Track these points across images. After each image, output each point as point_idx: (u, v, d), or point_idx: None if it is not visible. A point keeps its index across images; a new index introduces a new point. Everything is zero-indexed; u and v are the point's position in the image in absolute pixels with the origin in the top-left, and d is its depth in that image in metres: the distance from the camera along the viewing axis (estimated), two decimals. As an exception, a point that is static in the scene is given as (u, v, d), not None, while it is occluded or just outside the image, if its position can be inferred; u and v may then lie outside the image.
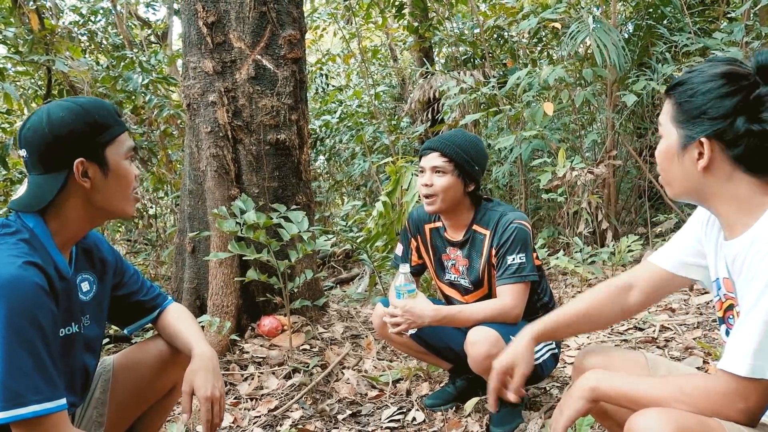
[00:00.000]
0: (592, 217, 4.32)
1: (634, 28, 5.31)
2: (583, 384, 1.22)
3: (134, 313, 1.65)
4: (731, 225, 1.15)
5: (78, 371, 1.43)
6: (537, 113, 4.40)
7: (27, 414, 1.15)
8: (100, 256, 1.54)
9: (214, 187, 3.09)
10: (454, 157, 2.13)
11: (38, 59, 4.55)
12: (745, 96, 1.07)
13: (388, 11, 7.08)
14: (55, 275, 1.29)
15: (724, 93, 1.09)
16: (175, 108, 4.98)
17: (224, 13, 3.16)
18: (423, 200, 2.20)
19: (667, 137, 1.18)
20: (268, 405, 2.49)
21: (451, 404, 2.39)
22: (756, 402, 1.03)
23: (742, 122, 1.07)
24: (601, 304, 1.47)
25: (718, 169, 1.12)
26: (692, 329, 2.97)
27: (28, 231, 1.30)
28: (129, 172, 1.39)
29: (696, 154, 1.12)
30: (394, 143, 6.75)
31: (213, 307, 2.99)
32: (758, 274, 1.03)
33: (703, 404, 1.06)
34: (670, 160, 1.18)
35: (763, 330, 1.00)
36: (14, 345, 1.15)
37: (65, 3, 6.80)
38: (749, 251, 1.07)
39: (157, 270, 5.33)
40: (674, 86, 1.17)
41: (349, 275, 5.23)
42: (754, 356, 1.01)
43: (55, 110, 1.31)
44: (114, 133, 1.36)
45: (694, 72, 1.14)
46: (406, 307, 2.04)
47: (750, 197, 1.11)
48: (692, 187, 1.16)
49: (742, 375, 1.01)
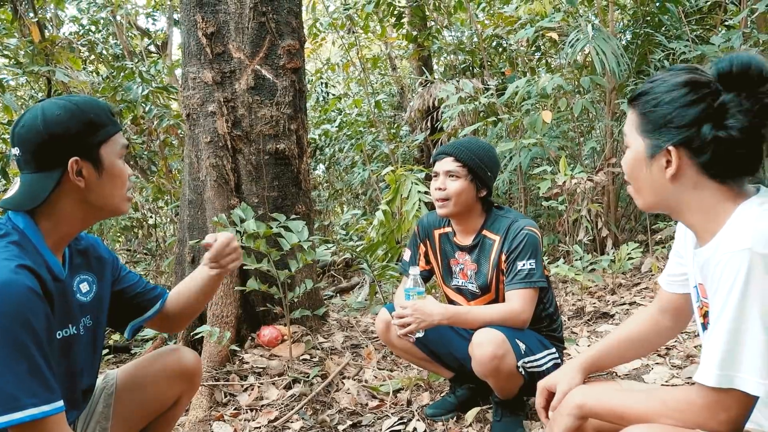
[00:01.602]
0: (592, 224, 4.32)
1: (632, 36, 5.34)
2: (570, 401, 1.24)
3: (136, 308, 1.63)
4: (700, 233, 1.17)
5: (76, 373, 1.42)
6: (536, 121, 4.41)
7: (23, 418, 1.14)
8: (97, 255, 1.53)
9: (213, 197, 3.09)
10: (467, 162, 2.17)
11: (38, 70, 4.56)
12: (709, 104, 1.09)
13: (387, 20, 7.12)
14: (48, 277, 1.28)
15: (688, 101, 1.10)
16: (174, 118, 4.99)
17: (223, 24, 3.17)
18: (435, 203, 2.22)
19: (633, 147, 1.19)
20: (268, 416, 2.48)
21: (452, 414, 2.38)
22: (738, 412, 1.03)
23: (709, 129, 1.08)
24: (644, 330, 1.48)
25: (685, 177, 1.13)
26: (693, 337, 2.96)
27: (18, 233, 1.28)
28: (123, 171, 1.38)
29: (664, 163, 1.14)
30: (394, 152, 6.77)
31: (213, 317, 2.99)
32: (720, 286, 1.04)
33: (687, 417, 1.06)
34: (638, 170, 1.19)
35: (726, 339, 1.02)
36: (7, 349, 1.14)
37: (65, 14, 6.83)
38: (712, 259, 1.08)
39: (157, 280, 5.33)
40: (637, 96, 1.18)
41: (349, 284, 5.22)
42: (720, 366, 1.02)
43: (51, 108, 1.29)
44: (109, 132, 1.35)
45: (656, 81, 1.16)
46: (415, 306, 2.06)
47: (716, 204, 1.12)
48: (661, 196, 1.18)
49: (710, 386, 1.02)
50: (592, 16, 5.19)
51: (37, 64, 4.69)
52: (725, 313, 1.03)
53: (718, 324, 1.04)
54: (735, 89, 1.07)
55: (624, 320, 3.31)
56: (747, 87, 1.07)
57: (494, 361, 1.98)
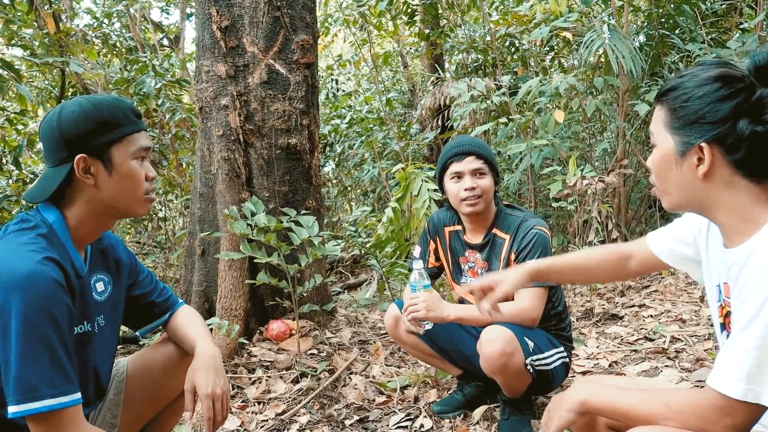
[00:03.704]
0: (602, 226, 4.29)
1: (647, 37, 5.30)
2: (573, 396, 1.22)
3: (146, 315, 1.65)
4: (730, 234, 1.13)
5: (90, 371, 1.43)
6: (548, 121, 4.39)
7: (42, 408, 1.16)
8: (116, 257, 1.54)
9: (224, 191, 3.10)
10: (488, 158, 2.22)
11: (53, 61, 4.59)
12: (746, 98, 1.04)
13: (399, 18, 7.11)
14: (72, 272, 1.30)
15: (721, 96, 1.05)
16: (187, 111, 5.01)
17: (238, 18, 3.18)
18: (464, 203, 2.20)
19: (661, 145, 1.15)
20: (275, 409, 2.49)
21: (459, 411, 2.38)
22: (743, 419, 1.02)
23: (746, 125, 1.04)
24: (599, 263, 1.54)
25: (718, 176, 1.08)
26: (703, 340, 2.94)
27: (47, 226, 1.30)
28: (137, 172, 1.36)
29: (695, 161, 1.09)
30: (404, 149, 6.76)
31: (222, 310, 3.00)
32: (750, 297, 1.01)
33: (690, 420, 1.05)
34: (667, 169, 1.14)
35: (756, 355, 0.99)
36: (30, 339, 1.15)
37: (80, 6, 6.87)
38: (745, 266, 1.06)
39: (166, 272, 5.35)
40: (666, 92, 1.14)
41: (357, 281, 5.22)
42: (747, 380, 1.00)
43: (69, 106, 1.33)
44: (124, 131, 1.35)
45: (686, 76, 1.11)
46: (428, 297, 2.06)
47: (749, 206, 1.08)
48: (692, 195, 1.13)
49: (735, 398, 1.01)
50: (607, 17, 5.16)
51: (52, 55, 4.72)
52: (755, 327, 1.00)
53: (745, 336, 1.01)
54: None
55: (632, 322, 3.31)
56: None
57: (502, 358, 1.97)
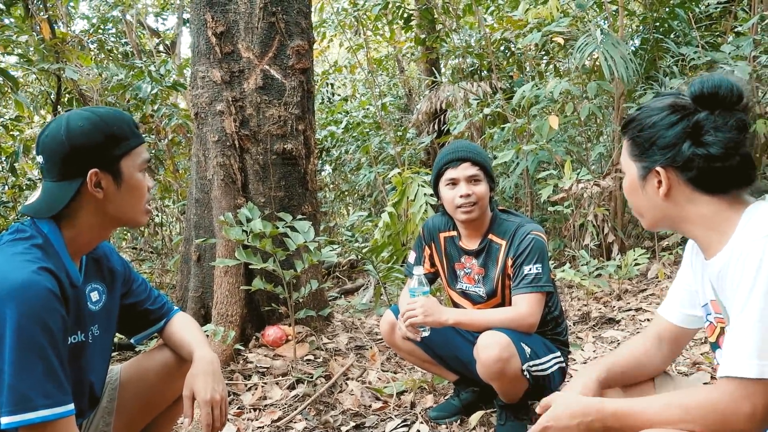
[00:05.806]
0: (598, 229, 4.30)
1: (641, 41, 5.32)
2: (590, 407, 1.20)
3: (141, 323, 1.65)
4: (706, 245, 1.20)
5: (84, 381, 1.43)
6: (543, 127, 4.40)
7: (36, 419, 1.15)
8: (110, 266, 1.54)
9: (220, 196, 3.10)
10: (483, 164, 2.21)
11: (48, 67, 4.59)
12: (688, 123, 1.14)
13: (395, 23, 7.13)
14: (67, 282, 1.30)
15: (669, 123, 1.16)
16: (183, 117, 5.01)
17: (233, 24, 3.18)
18: (460, 210, 2.18)
19: (627, 172, 1.26)
20: (271, 416, 2.47)
21: (455, 417, 2.37)
22: (763, 404, 1.03)
23: (688, 147, 1.14)
24: (649, 355, 1.43)
25: (679, 194, 1.18)
26: (699, 344, 2.94)
27: (42, 237, 1.30)
28: (142, 184, 1.40)
29: (655, 183, 1.19)
30: (400, 154, 6.77)
31: (217, 316, 2.99)
32: (742, 280, 1.06)
33: (710, 418, 1.06)
34: (635, 194, 1.26)
35: (760, 329, 1.02)
36: (24, 350, 1.15)
37: (76, 12, 6.87)
38: (730, 265, 1.10)
39: (162, 278, 5.34)
40: (627, 124, 1.26)
41: (354, 286, 5.22)
42: (759, 356, 1.02)
43: (75, 119, 1.32)
44: (130, 145, 1.37)
45: (643, 108, 1.23)
46: (425, 302, 2.05)
47: (716, 215, 1.16)
48: (663, 214, 1.22)
49: (752, 377, 1.02)
50: (602, 21, 5.18)
51: (48, 61, 4.72)
52: (752, 305, 1.03)
53: (744, 317, 1.04)
54: (709, 108, 1.13)
55: (628, 326, 3.31)
56: (721, 106, 1.12)
57: (499, 363, 1.97)
